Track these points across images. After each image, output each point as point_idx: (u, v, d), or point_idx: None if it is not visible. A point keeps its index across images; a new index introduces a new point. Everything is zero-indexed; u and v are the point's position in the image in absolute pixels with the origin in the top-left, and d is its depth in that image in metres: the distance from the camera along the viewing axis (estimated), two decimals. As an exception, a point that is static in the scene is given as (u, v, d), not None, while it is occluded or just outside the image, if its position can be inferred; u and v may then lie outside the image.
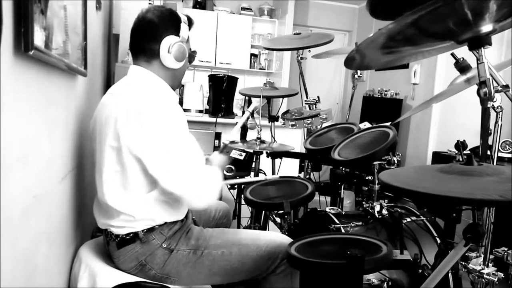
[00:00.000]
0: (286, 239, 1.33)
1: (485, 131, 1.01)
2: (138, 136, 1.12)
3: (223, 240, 1.28)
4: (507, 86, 1.07)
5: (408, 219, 1.61)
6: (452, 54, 1.37)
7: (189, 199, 1.20)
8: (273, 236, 1.34)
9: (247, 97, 2.29)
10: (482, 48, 0.89)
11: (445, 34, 0.91)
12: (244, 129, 2.14)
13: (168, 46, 1.24)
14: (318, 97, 2.37)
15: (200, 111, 3.33)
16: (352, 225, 1.55)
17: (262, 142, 2.00)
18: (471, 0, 0.75)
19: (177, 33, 1.27)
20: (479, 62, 0.91)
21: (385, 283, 1.42)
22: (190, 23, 1.33)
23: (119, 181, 1.18)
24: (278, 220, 2.06)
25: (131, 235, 1.21)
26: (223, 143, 1.61)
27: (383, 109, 4.70)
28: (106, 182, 1.19)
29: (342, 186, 2.04)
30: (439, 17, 0.80)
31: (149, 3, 2.49)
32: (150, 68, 1.28)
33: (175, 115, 1.18)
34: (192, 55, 1.39)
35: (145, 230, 1.21)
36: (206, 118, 3.28)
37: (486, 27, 0.85)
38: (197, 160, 1.24)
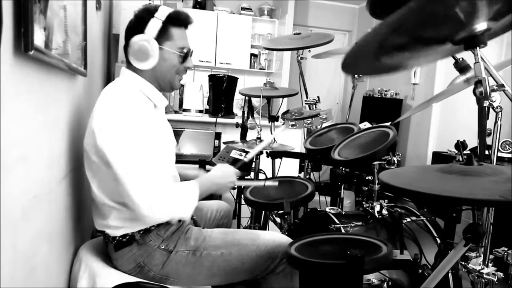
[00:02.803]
0: (285, 239, 1.33)
1: (482, 131, 1.00)
2: (104, 139, 1.10)
3: (222, 241, 1.28)
4: (502, 86, 1.07)
5: (408, 219, 1.61)
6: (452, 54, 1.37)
7: (139, 210, 1.10)
8: (273, 236, 1.34)
9: (247, 97, 2.29)
10: (477, 47, 0.89)
11: (441, 38, 0.90)
12: (244, 129, 2.14)
13: (131, 47, 1.20)
14: (318, 97, 2.37)
15: (200, 111, 3.33)
16: (352, 225, 1.55)
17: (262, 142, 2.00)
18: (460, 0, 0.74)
19: (142, 31, 1.20)
20: (474, 61, 0.91)
21: (385, 283, 1.42)
22: (179, 19, 1.25)
23: (99, 183, 1.19)
24: (278, 220, 2.06)
25: (128, 237, 1.21)
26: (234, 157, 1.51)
27: (383, 109, 4.70)
28: (90, 183, 1.20)
29: (342, 186, 2.04)
30: (430, 20, 0.80)
31: (149, 3, 2.48)
32: (132, 69, 1.26)
33: (142, 122, 1.14)
34: (181, 55, 1.27)
35: (141, 232, 1.21)
36: (206, 118, 3.28)
37: (480, 26, 0.85)
38: (162, 172, 1.18)
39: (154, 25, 1.20)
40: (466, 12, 0.78)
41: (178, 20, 1.26)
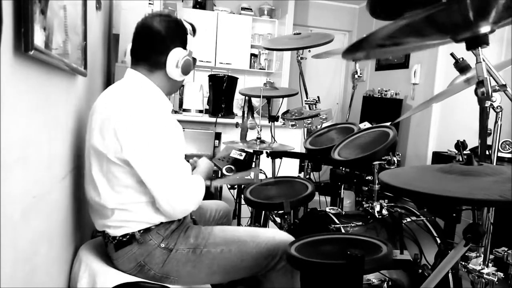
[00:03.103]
0: (285, 236, 1.34)
1: (483, 131, 1.00)
2: (129, 140, 1.12)
3: (222, 238, 1.29)
4: (504, 86, 1.07)
5: (408, 219, 1.61)
6: (452, 54, 1.37)
7: (168, 206, 1.17)
8: (272, 233, 1.34)
9: (247, 97, 2.29)
10: (479, 47, 0.89)
11: (448, 29, 0.89)
12: (244, 130, 2.14)
13: (177, 60, 1.26)
14: (318, 97, 2.37)
15: (200, 111, 3.32)
16: (352, 225, 1.55)
17: (262, 142, 2.00)
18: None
19: (184, 46, 1.28)
20: (476, 61, 0.91)
21: (385, 283, 1.42)
22: (194, 32, 1.34)
23: (108, 183, 1.19)
24: (278, 220, 2.06)
25: (128, 236, 1.21)
26: (223, 145, 1.61)
27: (383, 109, 4.70)
28: (96, 183, 1.19)
29: (342, 186, 2.04)
30: (450, 11, 0.79)
31: (149, 4, 2.48)
32: (150, 76, 1.27)
33: (166, 124, 1.19)
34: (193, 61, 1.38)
35: (141, 231, 1.21)
36: (206, 118, 3.28)
37: (484, 28, 0.84)
38: (185, 169, 1.23)
39: (191, 42, 1.31)
40: (476, 13, 0.78)
41: (194, 33, 1.35)
